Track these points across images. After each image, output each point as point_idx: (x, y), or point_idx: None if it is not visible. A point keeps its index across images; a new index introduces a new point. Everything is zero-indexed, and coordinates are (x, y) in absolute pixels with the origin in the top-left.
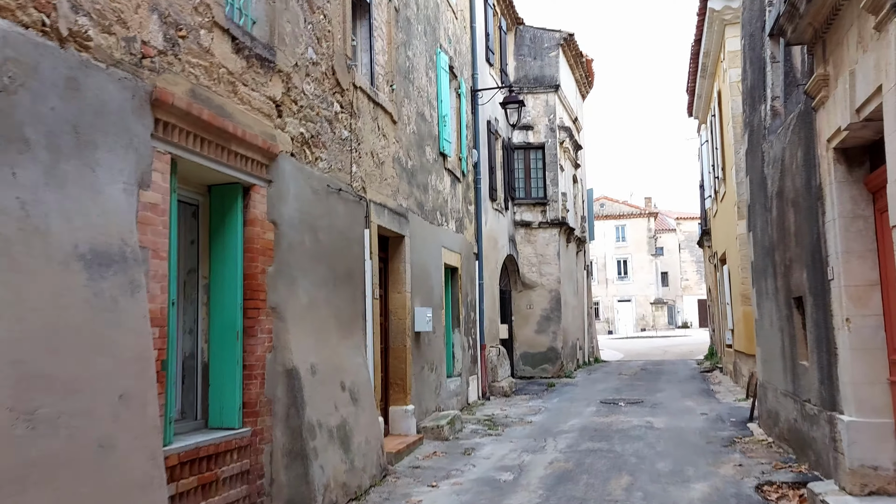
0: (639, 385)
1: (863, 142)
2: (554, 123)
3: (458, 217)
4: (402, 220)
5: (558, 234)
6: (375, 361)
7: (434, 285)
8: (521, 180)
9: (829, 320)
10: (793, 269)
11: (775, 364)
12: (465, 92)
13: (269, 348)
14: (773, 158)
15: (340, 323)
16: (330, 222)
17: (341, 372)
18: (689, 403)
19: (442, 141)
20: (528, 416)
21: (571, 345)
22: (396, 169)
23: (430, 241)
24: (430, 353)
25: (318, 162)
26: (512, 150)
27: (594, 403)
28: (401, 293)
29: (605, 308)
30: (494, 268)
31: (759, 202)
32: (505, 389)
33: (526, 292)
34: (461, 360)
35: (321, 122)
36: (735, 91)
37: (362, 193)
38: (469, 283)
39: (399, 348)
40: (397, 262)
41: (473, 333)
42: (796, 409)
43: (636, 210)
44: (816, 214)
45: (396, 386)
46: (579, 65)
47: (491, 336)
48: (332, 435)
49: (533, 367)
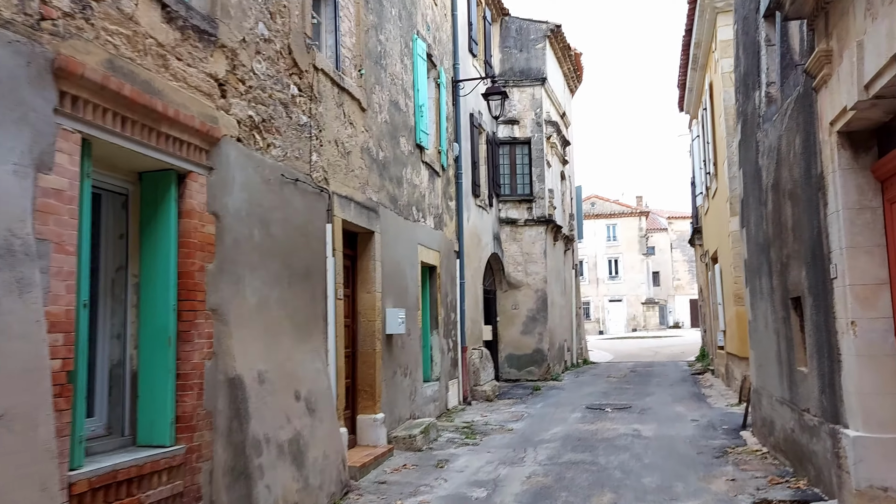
0: (627, 389)
1: (870, 124)
2: (540, 118)
3: (436, 213)
4: (371, 215)
5: (545, 231)
6: (339, 367)
7: (409, 285)
8: (506, 176)
9: (832, 323)
10: (790, 267)
11: (770, 369)
12: (446, 82)
13: (208, 355)
14: (769, 148)
15: (296, 325)
16: (285, 215)
17: (296, 380)
18: (679, 409)
19: (418, 132)
20: (510, 422)
21: (559, 346)
22: (365, 160)
23: (404, 237)
24: (403, 357)
25: (271, 149)
26: (497, 144)
27: (580, 409)
28: (370, 293)
29: (595, 308)
30: (478, 267)
31: (753, 196)
32: (487, 394)
33: (511, 292)
34: (440, 364)
35: (274, 106)
36: (727, 82)
37: (324, 185)
38: (449, 283)
39: (368, 352)
40: (366, 260)
41: (454, 335)
42: (794, 419)
43: (627, 209)
44: (817, 206)
45: (365, 393)
46: (567, 58)
47: (473, 338)
48: (283, 450)
49: (518, 370)
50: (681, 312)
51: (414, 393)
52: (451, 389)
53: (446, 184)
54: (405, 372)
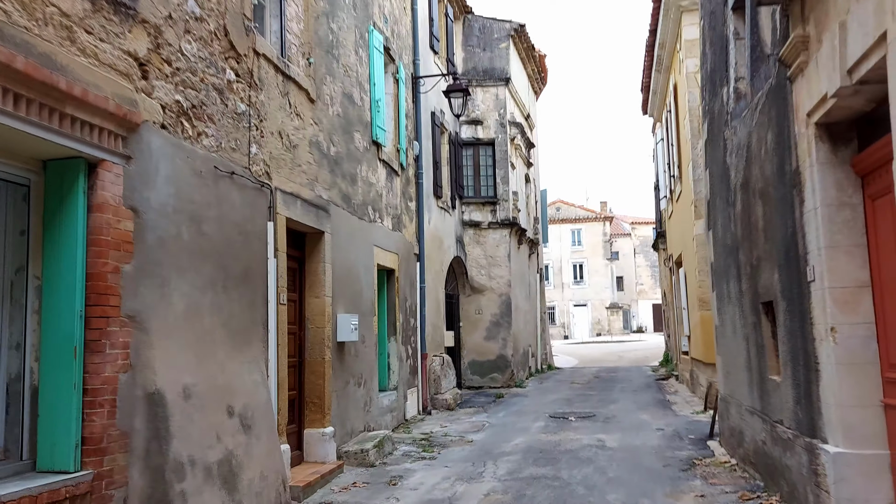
0: (591, 395)
1: (851, 114)
2: (504, 118)
3: (395, 214)
4: (321, 214)
5: (509, 234)
6: (281, 378)
7: (363, 289)
8: (469, 178)
9: (808, 329)
10: (761, 270)
11: (739, 377)
12: (405, 78)
13: (123, 367)
14: (737, 146)
15: (232, 333)
16: (220, 212)
17: (229, 393)
18: (643, 417)
19: (375, 128)
20: (470, 433)
21: (523, 352)
22: (315, 155)
23: (358, 238)
24: (357, 366)
25: (203, 138)
26: (460, 145)
27: (543, 418)
28: (319, 298)
29: (561, 312)
30: (439, 270)
31: (721, 196)
32: (449, 402)
33: (474, 297)
34: (398, 372)
35: (207, 91)
36: (692, 82)
37: (265, 180)
38: (408, 287)
39: (316, 361)
40: (315, 262)
41: (413, 342)
42: (765, 431)
43: (592, 214)
44: (791, 204)
45: (313, 405)
46: (531, 59)
47: (434, 344)
48: (211, 473)
49: (482, 377)
50: (644, 317)
51: (369, 403)
52: (409, 399)
53: (406, 184)
54: (359, 381)
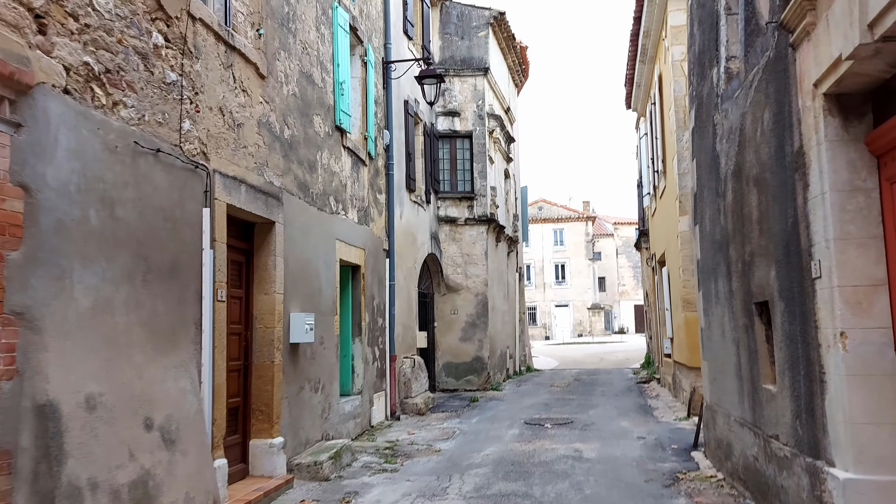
0: (570, 400)
1: (866, 83)
2: (483, 110)
3: (362, 206)
4: (271, 202)
5: (486, 231)
6: (218, 384)
7: (323, 286)
8: (445, 172)
9: (812, 333)
10: (755, 267)
11: (727, 384)
12: (375, 62)
13: (7, 374)
14: (729, 130)
15: (154, 334)
16: (140, 194)
17: (149, 404)
18: (624, 424)
19: (338, 112)
20: (439, 441)
21: (500, 354)
22: (265, 136)
23: (317, 231)
24: (313, 370)
25: (120, 108)
26: (436, 137)
27: (518, 424)
28: (269, 295)
29: (542, 313)
30: (412, 267)
31: (709, 187)
32: (419, 407)
33: (450, 296)
34: (362, 376)
35: (127, 54)
36: (678, 71)
37: (201, 160)
38: (376, 285)
39: (264, 365)
40: (265, 256)
41: (381, 343)
42: (757, 445)
43: (574, 214)
44: (792, 191)
45: (260, 414)
46: (512, 50)
47: (405, 346)
48: (120, 497)
49: (457, 379)
50: (626, 318)
51: (327, 410)
52: (376, 404)
53: (374, 174)
54: (316, 386)
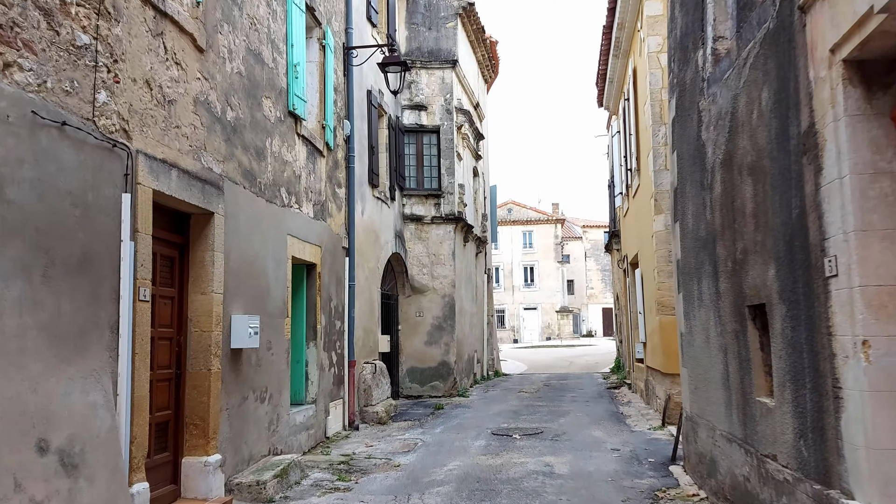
0: (540, 407)
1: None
2: (451, 104)
3: (318, 200)
4: (210, 191)
5: (454, 230)
6: (139, 397)
7: (272, 285)
8: (411, 168)
9: (822, 341)
10: (748, 266)
11: (712, 394)
12: (334, 47)
13: None
14: (717, 115)
15: (57, 339)
16: (40, 174)
17: (44, 422)
18: (597, 434)
19: (292, 97)
20: (399, 454)
21: (467, 358)
22: (203, 117)
23: (266, 225)
24: (259, 377)
25: (13, 71)
26: (401, 131)
27: (485, 434)
28: (206, 295)
29: (511, 316)
30: (375, 267)
31: (693, 181)
32: (380, 415)
33: (415, 297)
34: (317, 383)
35: (24, 9)
36: (654, 63)
37: (121, 139)
38: (334, 285)
39: (200, 373)
40: (201, 251)
41: (339, 348)
42: (749, 465)
43: (544, 216)
44: (799, 178)
45: (194, 428)
46: (481, 43)
47: (366, 350)
48: None
49: (421, 385)
50: (594, 321)
51: (275, 422)
52: (332, 413)
53: (333, 167)
54: (262, 396)
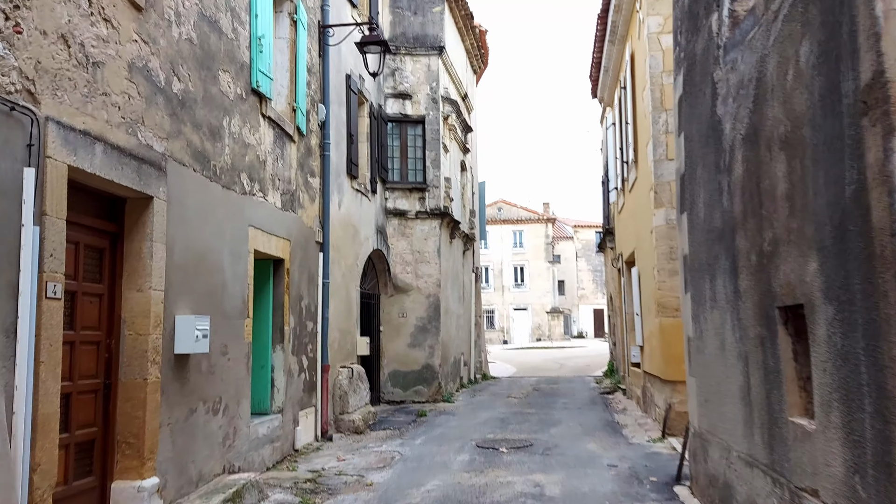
0: (529, 414)
1: None
2: (437, 93)
3: (287, 189)
4: (148, 172)
5: (440, 226)
6: (45, 415)
7: (229, 282)
8: (395, 160)
9: (891, 352)
10: (780, 259)
11: (727, 409)
12: (308, 24)
13: None
14: (739, 84)
15: None
16: None
17: None
18: (591, 447)
19: (256, 73)
20: (373, 471)
21: (453, 361)
22: (141, 86)
23: (222, 213)
24: (211, 386)
25: None
26: (384, 121)
27: (469, 447)
28: (143, 292)
29: (500, 316)
30: (353, 264)
31: (705, 165)
32: (357, 424)
33: (398, 297)
34: (284, 391)
35: None
36: (654, 45)
37: (24, 101)
38: (306, 283)
39: (134, 384)
40: (137, 241)
41: (311, 351)
42: (778, 497)
43: (535, 215)
44: (857, 145)
45: (127, 447)
46: (470, 31)
47: (342, 353)
48: None
49: (404, 390)
50: (585, 322)
51: (232, 436)
52: (302, 423)
53: (306, 154)
54: (214, 407)
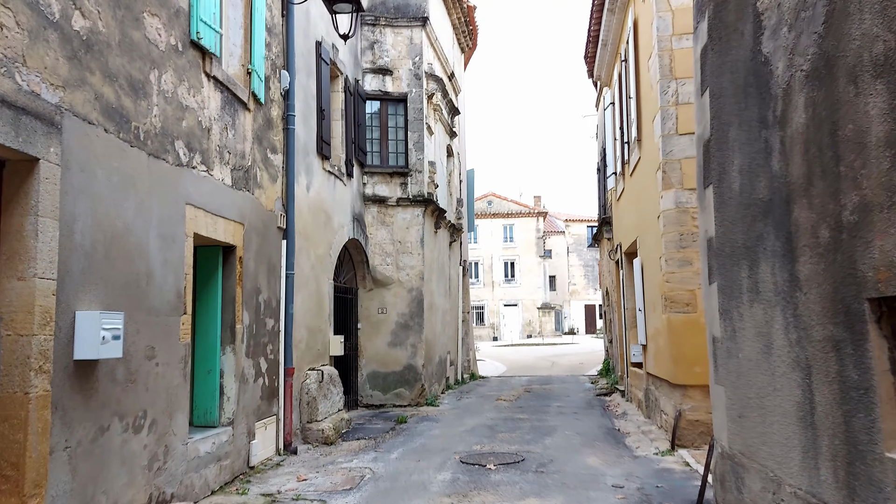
0: (521, 420)
1: None
2: (420, 68)
3: (240, 164)
4: (30, 126)
5: (423, 214)
6: None
7: (156, 271)
8: (374, 142)
9: None
10: (872, 230)
11: (774, 429)
12: None
13: None
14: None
15: None
16: None
17: None
18: (592, 461)
19: (197, 23)
20: (338, 494)
21: (438, 361)
22: (22, 15)
23: (147, 187)
24: (130, 398)
25: None
26: (362, 98)
27: (451, 463)
28: (25, 280)
29: (490, 312)
30: (325, 255)
31: (743, 122)
32: (327, 434)
33: (378, 291)
34: (236, 398)
35: None
36: (662, 4)
37: None
38: (265, 274)
39: (13, 399)
40: (18, 216)
41: (272, 352)
42: None
43: (525, 209)
44: None
45: (3, 481)
46: (457, 5)
47: (311, 354)
48: None
49: (384, 393)
50: (576, 318)
51: (163, 456)
52: (260, 435)
53: (265, 126)
54: (136, 423)
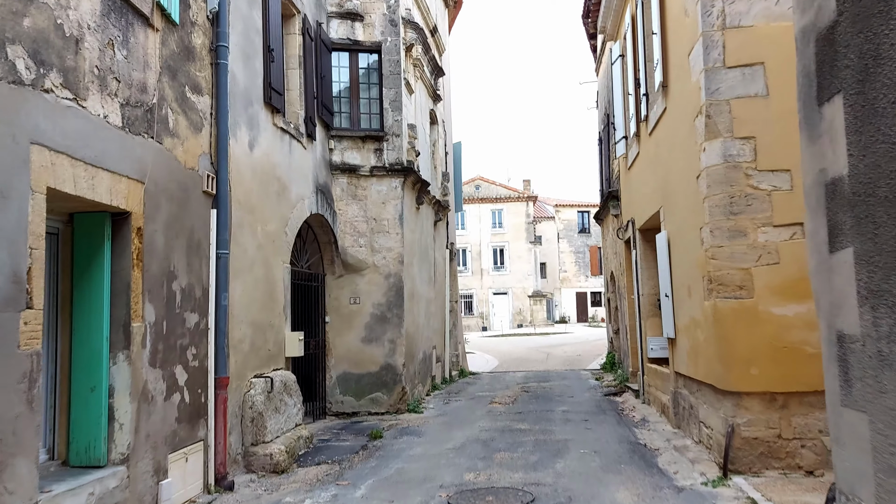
0: (522, 432)
1: None
2: (396, 13)
3: (140, 100)
4: None
5: (401, 186)
6: None
7: None
8: (343, 101)
9: None
10: None
11: None
12: None
13: None
14: None
15: None
16: None
17: None
18: (622, 497)
19: None
20: None
21: (422, 358)
22: None
23: None
24: None
25: None
26: (327, 48)
27: (436, 501)
28: None
29: (479, 301)
30: (279, 233)
31: None
32: (277, 459)
33: (350, 278)
34: (133, 425)
35: None
36: None
37: None
38: (183, 254)
39: None
40: None
41: (195, 358)
42: None
43: (514, 194)
44: None
45: None
46: None
47: (258, 357)
48: None
49: (357, 398)
50: (567, 306)
51: None
52: (177, 470)
53: (182, 56)
54: None
